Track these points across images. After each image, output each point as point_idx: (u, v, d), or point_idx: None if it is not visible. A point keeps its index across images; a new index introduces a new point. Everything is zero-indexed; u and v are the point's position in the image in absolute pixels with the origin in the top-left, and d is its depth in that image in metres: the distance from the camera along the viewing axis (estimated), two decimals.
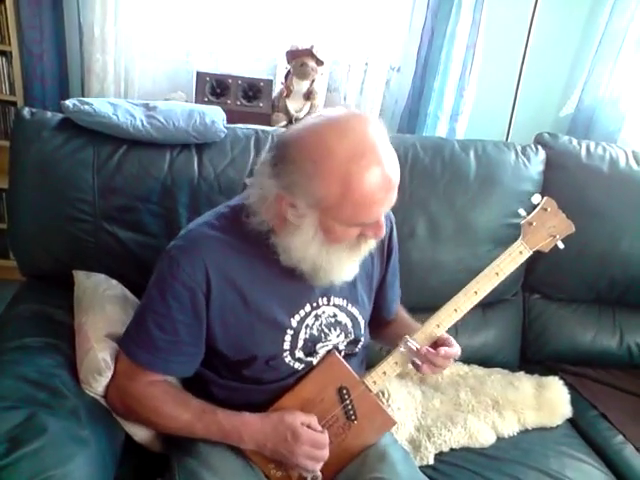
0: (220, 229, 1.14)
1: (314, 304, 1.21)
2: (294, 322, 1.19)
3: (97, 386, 1.18)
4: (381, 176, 1.00)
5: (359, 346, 1.30)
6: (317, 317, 1.21)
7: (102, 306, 1.30)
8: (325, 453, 1.16)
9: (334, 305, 1.23)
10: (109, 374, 1.18)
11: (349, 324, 1.26)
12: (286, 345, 1.18)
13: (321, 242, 1.07)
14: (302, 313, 1.19)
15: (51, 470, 0.96)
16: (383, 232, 1.09)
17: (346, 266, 1.13)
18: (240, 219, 1.13)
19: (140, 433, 1.24)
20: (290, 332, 1.18)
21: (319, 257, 1.08)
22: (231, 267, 1.12)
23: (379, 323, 1.40)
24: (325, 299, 1.22)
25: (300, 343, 1.20)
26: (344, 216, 1.03)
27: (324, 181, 0.99)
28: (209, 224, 1.16)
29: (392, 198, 1.05)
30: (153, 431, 1.25)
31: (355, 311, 1.27)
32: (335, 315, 1.24)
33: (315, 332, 1.21)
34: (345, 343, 1.27)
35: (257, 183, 1.11)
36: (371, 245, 1.13)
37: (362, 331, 1.29)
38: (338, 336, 1.24)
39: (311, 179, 1.00)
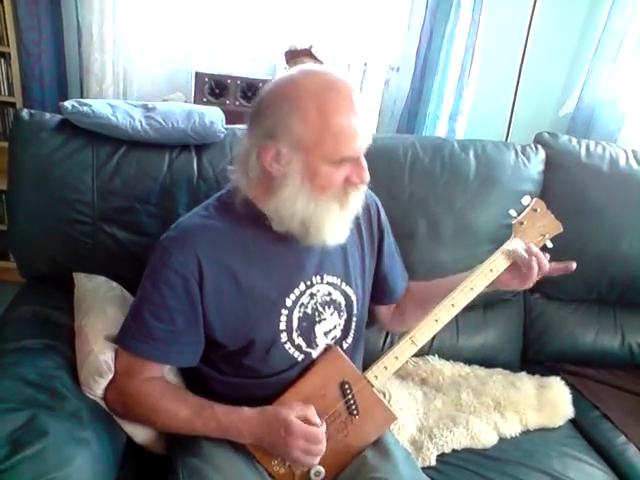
0: (210, 217, 1.17)
1: (308, 282, 1.22)
2: (289, 301, 1.19)
3: (97, 388, 1.18)
4: (355, 106, 1.05)
5: (353, 327, 1.30)
6: (312, 296, 1.22)
7: (102, 308, 1.29)
8: (321, 447, 1.15)
9: (327, 283, 1.24)
10: (110, 376, 1.18)
11: (342, 302, 1.27)
12: (282, 325, 1.19)
13: (309, 192, 1.09)
14: (297, 292, 1.20)
15: (52, 472, 0.96)
16: (367, 174, 1.11)
17: (337, 223, 1.14)
18: (228, 206, 1.16)
19: (141, 434, 1.23)
20: (285, 312, 1.19)
21: (308, 210, 1.10)
22: (222, 253, 1.14)
23: (393, 309, 1.43)
24: (319, 277, 1.23)
25: (295, 323, 1.20)
26: (326, 150, 1.05)
27: (301, 115, 1.04)
28: (198, 214, 1.19)
29: (369, 133, 1.09)
30: (154, 432, 1.24)
31: (349, 290, 1.28)
32: (330, 294, 1.25)
33: (309, 311, 1.22)
34: (341, 325, 1.27)
35: (237, 154, 1.16)
36: (358, 199, 1.15)
37: (354, 311, 1.29)
38: (332, 314, 1.25)
39: (288, 116, 1.04)
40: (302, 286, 1.21)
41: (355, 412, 1.22)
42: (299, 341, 1.21)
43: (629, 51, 2.52)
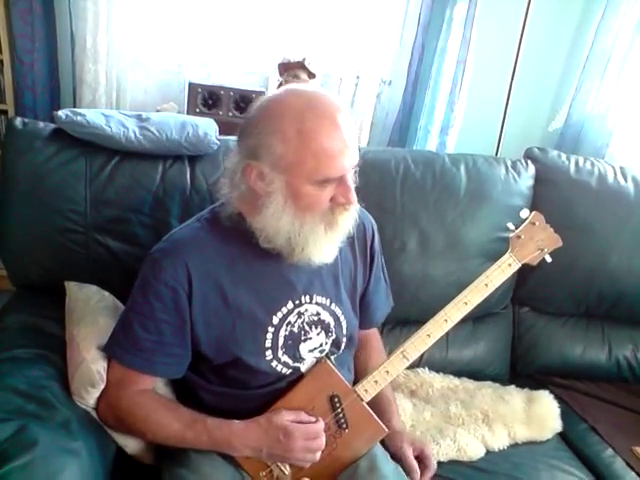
0: (201, 230, 1.18)
1: (297, 302, 1.22)
2: (275, 319, 1.20)
3: (89, 398, 1.17)
4: (338, 125, 1.03)
5: (342, 347, 1.30)
6: (300, 315, 1.22)
7: (94, 318, 1.29)
8: (321, 441, 1.17)
9: (317, 303, 1.24)
10: (102, 386, 1.17)
11: (332, 323, 1.26)
12: (267, 343, 1.19)
13: (293, 212, 1.09)
14: (284, 310, 1.20)
15: None
16: (353, 197, 1.10)
17: (323, 244, 1.13)
18: (220, 219, 1.16)
19: (132, 445, 1.23)
20: (271, 329, 1.19)
21: (293, 229, 1.10)
22: (212, 267, 1.14)
23: (359, 333, 1.40)
24: (308, 297, 1.23)
25: (281, 341, 1.20)
26: (307, 171, 1.05)
27: (281, 136, 1.03)
28: (190, 227, 1.20)
29: (353, 153, 1.07)
30: (144, 443, 1.24)
31: (338, 311, 1.27)
32: (318, 314, 1.24)
33: (296, 329, 1.22)
34: (328, 344, 1.27)
35: (227, 168, 1.15)
36: (347, 220, 1.14)
37: (344, 331, 1.29)
38: (318, 334, 1.25)
39: (269, 137, 1.04)
40: (290, 305, 1.21)
41: (344, 426, 1.22)
42: (285, 358, 1.21)
43: (616, 69, 2.56)
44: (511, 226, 1.31)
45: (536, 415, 1.63)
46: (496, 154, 2.63)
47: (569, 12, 2.75)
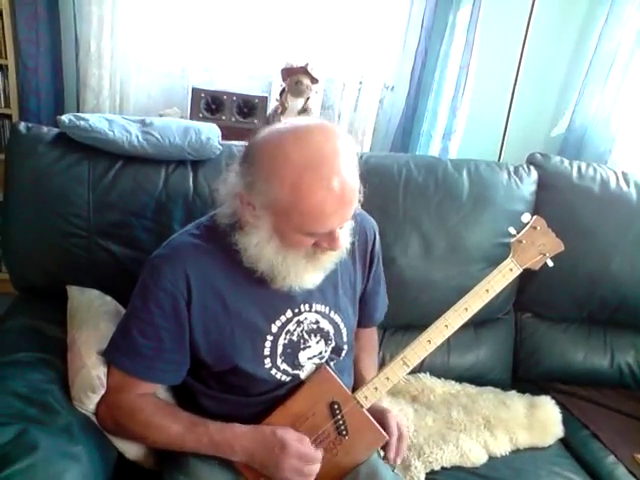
0: (201, 237, 1.17)
1: (295, 310, 1.21)
2: (274, 328, 1.19)
3: (89, 403, 1.17)
4: (334, 190, 1.01)
5: (342, 354, 1.30)
6: (299, 323, 1.22)
7: (96, 323, 1.29)
8: (314, 469, 1.15)
9: (316, 312, 1.24)
10: (102, 391, 1.17)
11: (331, 331, 1.26)
12: (266, 351, 1.19)
13: (277, 246, 1.09)
14: (283, 319, 1.20)
15: None
16: (339, 245, 1.09)
17: (305, 275, 1.13)
18: (219, 227, 1.16)
19: (132, 450, 1.23)
20: (270, 338, 1.19)
21: (276, 260, 1.10)
22: (212, 274, 1.14)
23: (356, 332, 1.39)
24: (307, 305, 1.23)
25: (280, 349, 1.20)
26: (294, 223, 1.04)
27: (277, 185, 1.01)
28: (190, 233, 1.19)
29: (346, 213, 1.06)
30: (145, 448, 1.24)
31: (337, 318, 1.27)
32: (317, 322, 1.24)
33: (295, 338, 1.22)
34: (327, 351, 1.27)
35: (226, 179, 1.14)
36: (332, 257, 1.14)
37: (344, 339, 1.29)
38: (318, 343, 1.25)
39: (266, 182, 1.03)
40: (289, 313, 1.21)
41: (344, 432, 1.22)
42: (284, 366, 1.21)
43: (619, 74, 2.56)
44: (512, 231, 1.31)
45: (538, 421, 1.62)
46: (498, 159, 2.63)
47: (572, 18, 2.76)
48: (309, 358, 1.24)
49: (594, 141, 2.68)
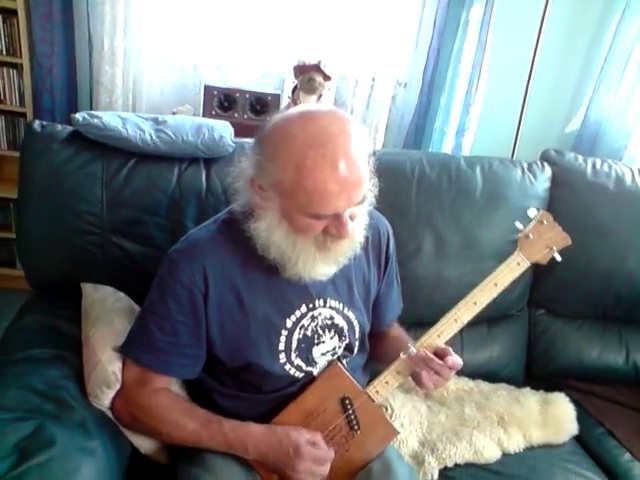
0: (218, 232, 1.18)
1: (310, 305, 1.22)
2: (289, 323, 1.20)
3: (105, 399, 1.19)
4: (338, 169, 1.00)
5: (355, 351, 1.30)
6: (313, 318, 1.22)
7: (110, 319, 1.30)
8: (325, 469, 1.16)
9: (330, 307, 1.24)
10: (117, 387, 1.18)
11: (345, 327, 1.26)
12: (281, 346, 1.19)
13: (286, 231, 1.09)
14: (298, 314, 1.21)
15: None
16: (347, 231, 1.07)
17: (316, 265, 1.13)
18: (236, 221, 1.16)
19: (146, 445, 1.24)
20: (285, 333, 1.20)
21: (285, 246, 1.10)
22: (228, 269, 1.15)
23: (373, 334, 1.39)
24: (321, 301, 1.23)
25: (294, 344, 1.20)
26: (299, 204, 1.04)
27: (281, 164, 1.02)
28: (208, 228, 1.20)
29: (351, 196, 1.04)
30: (159, 443, 1.25)
31: (351, 315, 1.27)
32: (332, 317, 1.25)
33: (309, 333, 1.22)
34: (341, 347, 1.27)
35: (238, 170, 1.15)
36: (343, 248, 1.13)
37: (357, 335, 1.29)
38: (332, 338, 1.25)
39: (271, 161, 1.04)
40: (304, 308, 1.21)
41: (356, 427, 1.22)
42: (298, 361, 1.22)
43: (635, 70, 2.54)
44: (519, 225, 1.30)
45: (552, 417, 1.62)
46: (512, 156, 2.61)
47: (588, 12, 2.73)
48: (323, 354, 1.25)
49: (609, 137, 2.65)
